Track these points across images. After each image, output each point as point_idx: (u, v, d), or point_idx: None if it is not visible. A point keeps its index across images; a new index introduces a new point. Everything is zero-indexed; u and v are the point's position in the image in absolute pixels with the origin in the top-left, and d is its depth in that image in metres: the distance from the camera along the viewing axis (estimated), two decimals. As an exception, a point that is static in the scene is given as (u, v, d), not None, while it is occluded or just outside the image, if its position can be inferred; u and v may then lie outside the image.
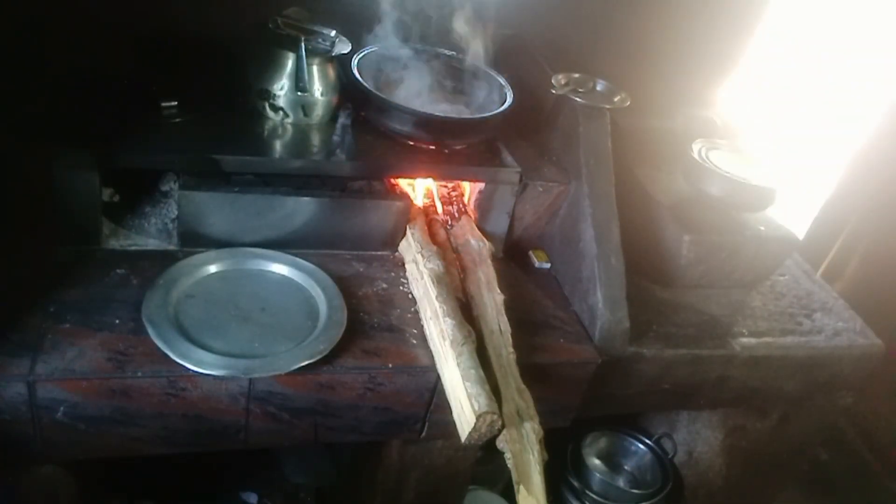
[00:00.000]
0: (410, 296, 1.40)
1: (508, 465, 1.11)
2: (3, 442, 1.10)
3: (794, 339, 1.62)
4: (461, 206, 1.66)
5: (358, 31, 1.56)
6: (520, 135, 1.68)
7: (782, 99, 2.34)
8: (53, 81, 1.38)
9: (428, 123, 1.47)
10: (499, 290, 1.40)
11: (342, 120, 1.52)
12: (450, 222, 1.61)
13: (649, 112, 1.76)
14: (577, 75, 1.67)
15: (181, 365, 1.11)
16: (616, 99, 1.62)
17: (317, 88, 1.45)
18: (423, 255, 1.40)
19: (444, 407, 1.19)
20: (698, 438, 1.94)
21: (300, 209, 1.39)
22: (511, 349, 1.28)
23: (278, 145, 1.44)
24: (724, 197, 1.59)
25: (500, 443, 1.13)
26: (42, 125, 1.27)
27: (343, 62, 1.51)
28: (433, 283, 1.32)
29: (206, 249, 1.36)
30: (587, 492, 1.79)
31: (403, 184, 1.58)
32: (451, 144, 1.53)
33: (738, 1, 1.98)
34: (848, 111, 2.45)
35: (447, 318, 1.24)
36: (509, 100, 1.57)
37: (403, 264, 1.47)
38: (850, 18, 2.29)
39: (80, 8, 1.39)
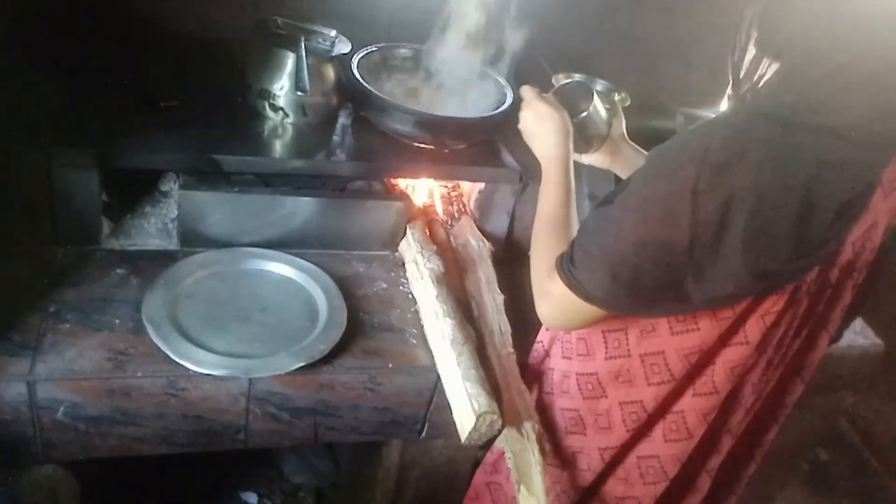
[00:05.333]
0: (410, 296, 1.40)
1: (509, 465, 1.11)
2: (3, 442, 1.10)
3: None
4: (461, 206, 1.66)
5: (358, 31, 1.55)
6: (520, 135, 1.67)
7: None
8: (53, 81, 1.38)
9: (428, 123, 1.47)
10: (499, 290, 1.40)
11: (342, 120, 1.52)
12: (450, 222, 1.61)
13: (649, 112, 1.76)
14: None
15: (181, 365, 1.11)
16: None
17: (317, 88, 1.45)
18: (423, 255, 1.40)
19: (444, 407, 1.19)
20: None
21: (300, 209, 1.39)
22: (511, 349, 1.28)
23: (278, 145, 1.44)
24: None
25: (501, 443, 1.13)
26: (42, 125, 1.27)
27: (343, 62, 1.51)
28: (433, 283, 1.32)
29: (206, 249, 1.36)
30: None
31: (403, 184, 1.58)
32: (451, 144, 1.53)
33: (738, 1, 1.98)
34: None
35: (447, 318, 1.24)
36: (509, 100, 1.57)
37: (403, 264, 1.47)
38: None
39: (80, 7, 1.39)
